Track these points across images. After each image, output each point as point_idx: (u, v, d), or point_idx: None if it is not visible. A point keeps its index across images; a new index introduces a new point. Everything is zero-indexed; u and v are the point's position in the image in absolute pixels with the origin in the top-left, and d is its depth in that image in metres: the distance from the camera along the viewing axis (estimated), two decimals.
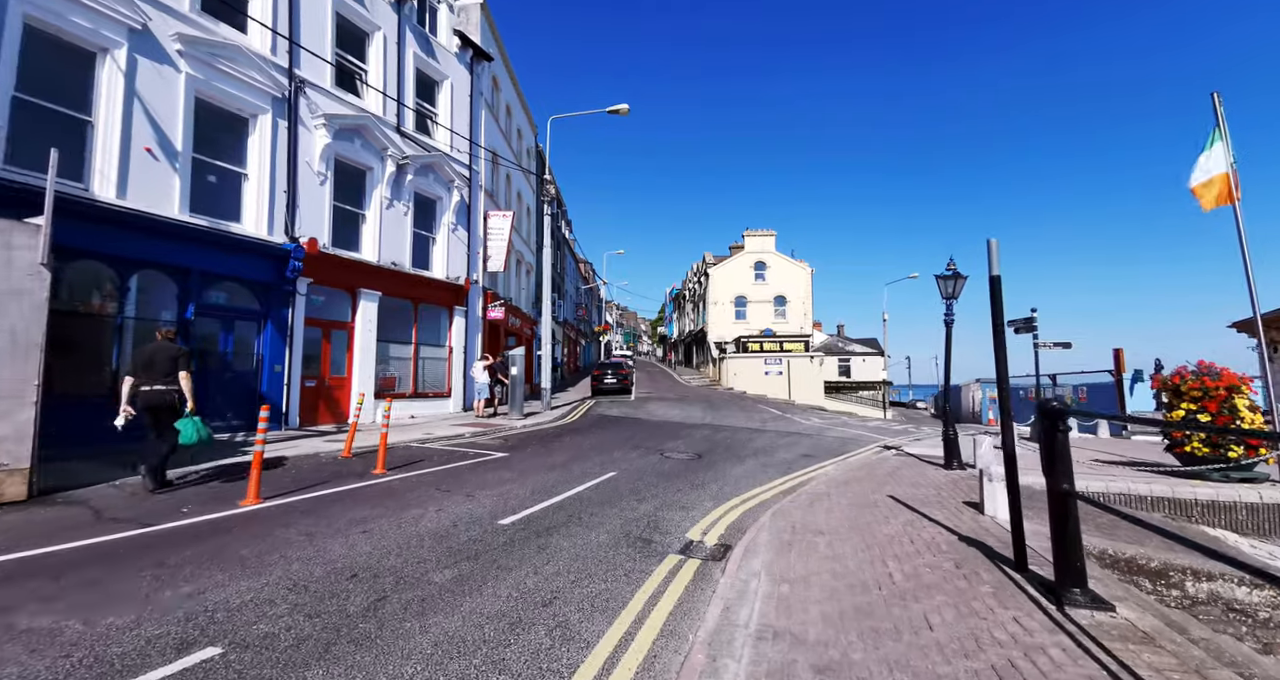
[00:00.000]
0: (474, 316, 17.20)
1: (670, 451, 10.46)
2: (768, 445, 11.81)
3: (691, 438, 12.45)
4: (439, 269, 15.89)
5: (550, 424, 14.35)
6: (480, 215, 17.62)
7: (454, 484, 7.07)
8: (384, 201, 13.92)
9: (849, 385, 40.13)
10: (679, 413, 17.97)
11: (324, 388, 12.51)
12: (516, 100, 23.08)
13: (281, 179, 11.50)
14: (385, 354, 14.19)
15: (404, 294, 14.62)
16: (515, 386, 14.81)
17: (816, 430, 15.23)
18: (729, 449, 11.07)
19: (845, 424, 18.47)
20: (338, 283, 12.83)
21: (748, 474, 8.66)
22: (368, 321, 13.37)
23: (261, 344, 11.17)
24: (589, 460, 9.21)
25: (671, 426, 14.43)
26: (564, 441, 11.31)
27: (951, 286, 8.79)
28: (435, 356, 15.79)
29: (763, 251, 44.66)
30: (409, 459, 8.77)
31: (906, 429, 17.58)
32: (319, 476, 7.19)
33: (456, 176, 16.05)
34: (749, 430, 14.22)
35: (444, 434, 11.45)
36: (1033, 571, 4.14)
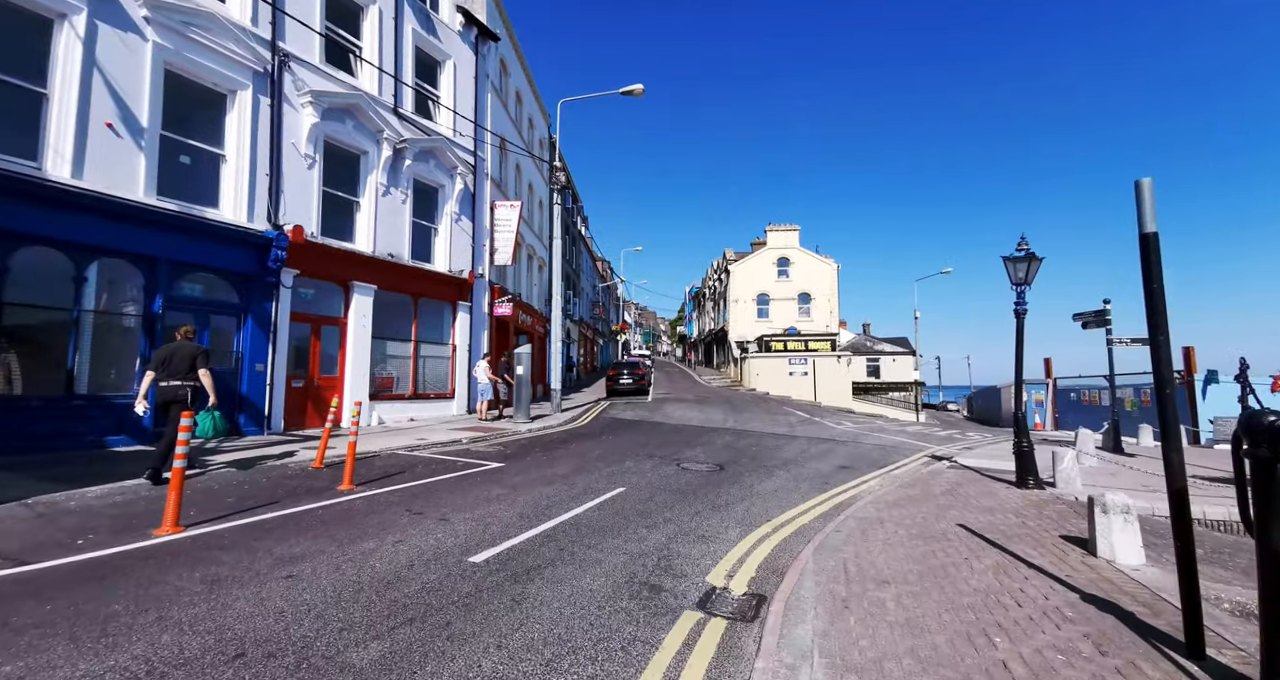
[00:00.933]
0: (479, 312, 16.17)
1: (688, 461, 9.23)
2: (798, 454, 10.48)
3: (712, 445, 11.18)
4: (441, 262, 14.89)
5: (557, 428, 13.22)
6: (486, 205, 16.60)
7: (429, 504, 5.94)
8: (380, 188, 12.95)
9: (878, 386, 38.21)
10: (698, 415, 16.69)
11: (313, 388, 11.57)
12: (527, 87, 22.06)
13: (264, 161, 10.57)
14: (382, 352, 13.23)
15: (402, 288, 13.64)
16: (521, 387, 13.71)
17: (851, 436, 13.81)
18: (754, 459, 9.78)
19: (881, 429, 16.97)
20: (328, 275, 11.89)
21: (779, 490, 7.37)
22: (362, 317, 12.41)
23: (241, 341, 10.25)
24: (595, 472, 8.02)
25: (690, 431, 13.18)
26: (569, 449, 10.15)
27: (1024, 270, 7.37)
28: (437, 355, 14.80)
29: (786, 247, 43.03)
30: (389, 470, 7.68)
31: (951, 435, 16.02)
32: (272, 494, 6.13)
33: (460, 163, 15.04)
34: (775, 436, 12.89)
35: (438, 440, 10.38)
36: (1215, 661, 2.82)
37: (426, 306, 14.56)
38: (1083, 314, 11.86)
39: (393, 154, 13.09)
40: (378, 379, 13.04)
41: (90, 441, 8.25)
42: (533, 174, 22.98)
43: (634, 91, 15.78)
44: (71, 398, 8.17)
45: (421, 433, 11.34)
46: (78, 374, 8.31)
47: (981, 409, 39.08)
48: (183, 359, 6.47)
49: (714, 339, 51.30)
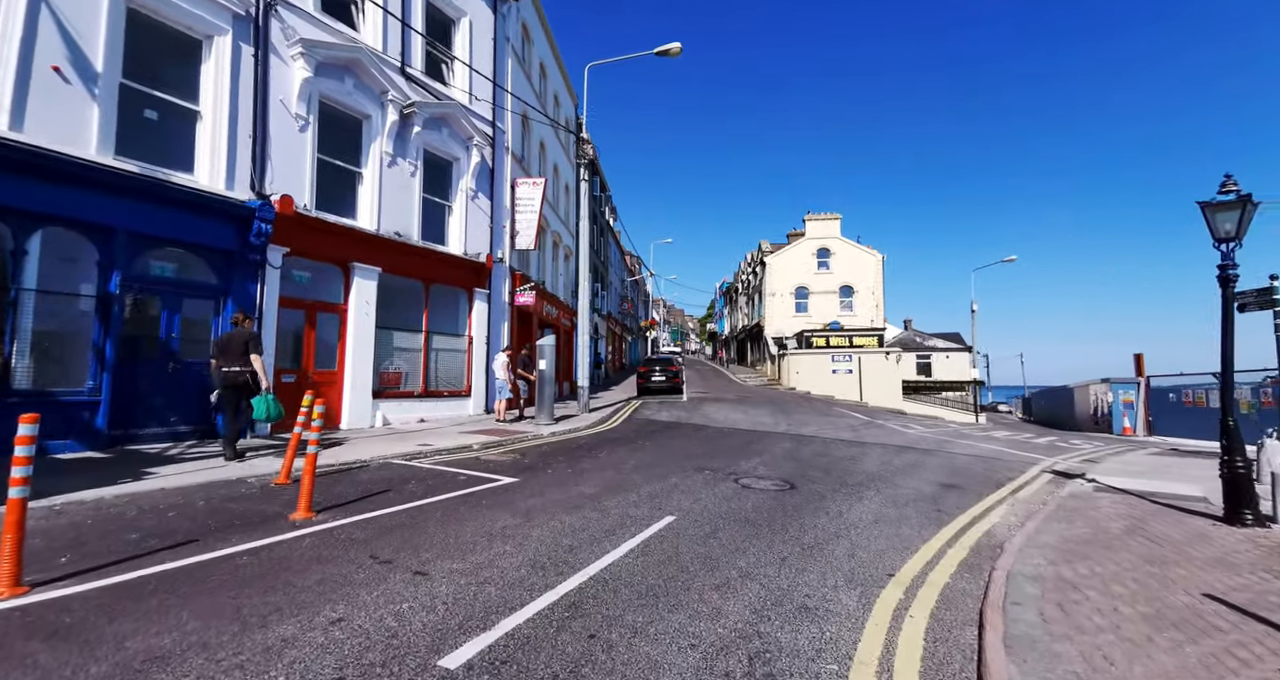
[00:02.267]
0: (499, 301, 14.58)
1: (747, 475, 7.36)
2: (882, 467, 8.48)
3: (770, 453, 9.27)
4: (455, 243, 13.34)
5: (585, 431, 11.49)
6: (506, 182, 15.00)
7: (406, 544, 4.24)
8: (385, 158, 11.44)
9: (929, 385, 35.52)
10: (743, 417, 14.75)
11: (308, 384, 10.08)
12: (552, 60, 20.43)
13: (246, 120, 9.12)
14: (388, 344, 11.73)
15: (412, 272, 12.12)
16: (544, 385, 12.04)
17: (934, 443, 11.67)
18: (829, 472, 7.84)
19: (959, 434, 14.71)
20: (325, 255, 10.41)
21: (880, 520, 5.45)
22: (364, 303, 10.91)
23: (220, 328, 8.81)
24: (632, 491, 6.23)
25: (740, 436, 11.28)
26: (600, 458, 8.39)
27: (1234, 219, 5.25)
28: (451, 348, 13.26)
29: (826, 237, 40.48)
30: (372, 487, 6.04)
31: (1052, 443, 13.64)
32: (197, 526, 4.52)
33: (476, 133, 13.46)
34: (843, 443, 10.88)
35: (444, 445, 8.76)
36: None
37: (439, 293, 13.02)
38: (1243, 294, 9.45)
39: (399, 119, 11.56)
40: (383, 374, 11.55)
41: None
42: (558, 154, 21.35)
43: (670, 51, 13.94)
44: (6, 395, 6.79)
45: (428, 436, 9.75)
46: (14, 365, 6.94)
47: (1045, 410, 35.82)
48: (239, 344, 6.75)
49: (748, 335, 49.02)
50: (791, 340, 35.75)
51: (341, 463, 7.09)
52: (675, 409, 16.38)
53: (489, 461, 7.87)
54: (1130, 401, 22.78)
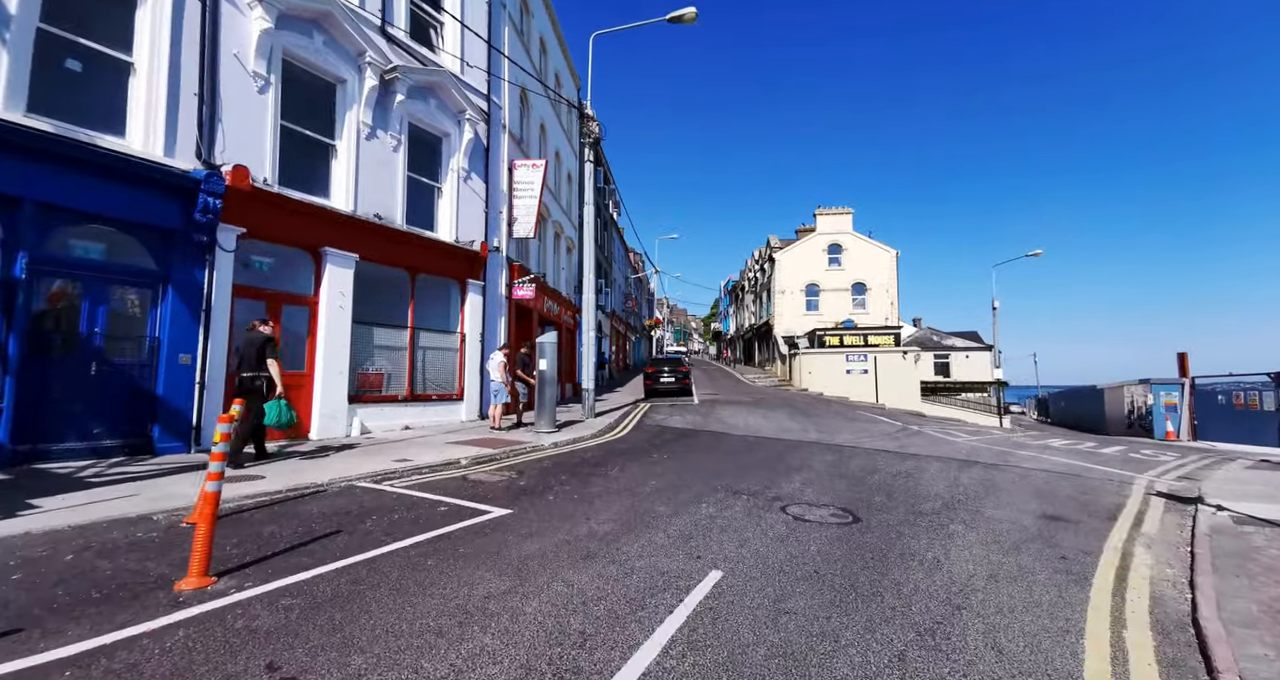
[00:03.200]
0: (495, 294, 13.17)
1: (795, 501, 5.94)
2: (951, 489, 7.03)
3: (810, 468, 7.84)
4: (446, 229, 11.93)
5: (591, 441, 10.07)
6: (503, 163, 13.58)
7: (332, 636, 2.82)
8: (362, 129, 10.03)
9: (948, 386, 34.03)
10: (765, 423, 13.32)
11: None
12: (553, 36, 19.01)
13: (190, 76, 7.72)
14: (367, 341, 10.32)
15: (395, 260, 10.72)
16: (545, 387, 10.63)
17: (992, 455, 10.22)
18: (891, 496, 6.40)
19: (1017, 443, 13.21)
20: (292, 238, 9.01)
21: (997, 577, 4.02)
22: (338, 295, 9.51)
23: (159, 322, 7.42)
24: (657, 527, 4.82)
25: (768, 447, 9.84)
26: (611, 478, 6.96)
27: None
28: (441, 346, 11.84)
29: (838, 232, 38.99)
30: (316, 527, 4.62)
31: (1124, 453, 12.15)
32: (30, 603, 3.10)
33: (469, 107, 12.04)
34: (889, 455, 9.44)
35: (427, 461, 7.34)
36: None
37: (427, 285, 11.61)
38: None
39: (379, 85, 10.15)
40: (361, 376, 10.14)
41: None
42: (560, 140, 19.93)
43: (684, 17, 12.53)
44: None
45: (409, 449, 8.33)
46: None
47: (1066, 412, 34.32)
48: (253, 350, 6.69)
49: (755, 334, 47.57)
50: (803, 339, 34.29)
51: (290, 488, 5.67)
52: (688, 413, 14.95)
53: (478, 483, 6.44)
54: (1173, 404, 21.28)
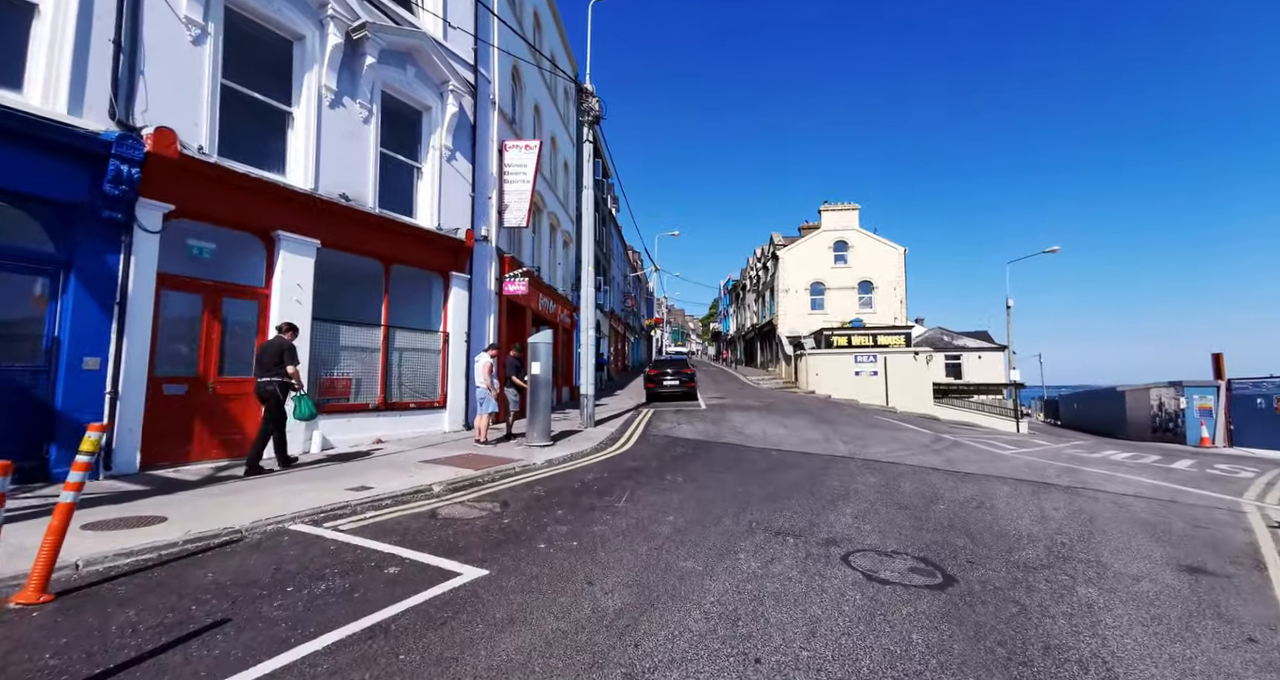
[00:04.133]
0: (483, 289, 11.78)
1: (859, 547, 4.59)
2: (1045, 526, 5.68)
3: (858, 494, 6.48)
4: (426, 215, 10.54)
5: (592, 457, 8.68)
6: (492, 144, 12.20)
7: None
8: (325, 95, 8.64)
9: (960, 388, 32.77)
10: (784, 432, 11.96)
11: (205, 398, 7.29)
12: (549, 13, 17.61)
13: (106, 19, 6.31)
14: (332, 342, 8.93)
15: (366, 248, 9.32)
16: (538, 392, 9.25)
17: (1056, 472, 8.87)
18: (974, 538, 5.05)
19: (1078, 458, 11.89)
20: (236, 219, 7.60)
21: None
22: (294, 286, 8.11)
23: (59, 318, 6.01)
24: (689, 598, 3.46)
25: (797, 463, 8.49)
26: (619, 511, 5.58)
27: None
28: (420, 347, 10.45)
29: (844, 229, 37.71)
30: (190, 615, 3.20)
31: (1204, 469, 10.76)
32: None
33: (453, 77, 10.66)
34: (941, 474, 8.09)
35: (392, 488, 5.95)
36: None
37: (405, 278, 10.23)
38: None
39: (345, 44, 8.76)
40: (324, 381, 8.74)
41: None
42: (555, 125, 18.55)
43: None
44: None
45: (374, 471, 6.93)
46: None
47: (1080, 415, 33.13)
48: (271, 354, 6.71)
49: (758, 335, 46.26)
50: (809, 339, 32.98)
51: (193, 538, 4.26)
52: (696, 420, 13.59)
53: (450, 521, 5.06)
54: (1208, 408, 20.05)
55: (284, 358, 6.73)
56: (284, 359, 6.72)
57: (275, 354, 6.71)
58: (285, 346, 6.79)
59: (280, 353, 6.72)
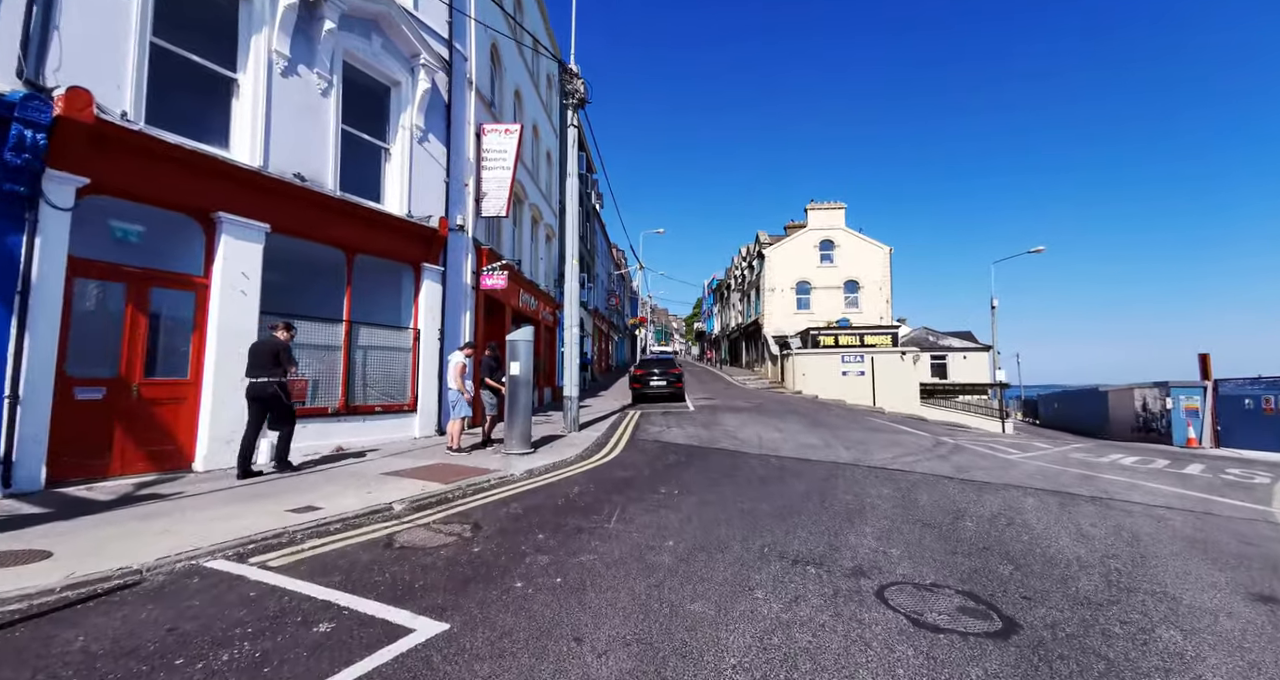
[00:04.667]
0: (458, 283, 10.90)
1: (892, 580, 3.91)
2: (1089, 546, 5.08)
3: (875, 509, 5.82)
4: (394, 201, 9.64)
5: (576, 466, 7.90)
6: (469, 126, 11.32)
7: None
8: (276, 61, 7.71)
9: (945, 388, 32.67)
10: (779, 436, 11.32)
11: (129, 403, 6.34)
12: None
13: None
14: None
15: (325, 235, 8.40)
16: (517, 394, 8.43)
17: (1077, 482, 8.35)
18: (1023, 566, 4.40)
19: (1089, 465, 11.45)
20: (170, 198, 6.65)
21: None
22: (238, 276, 7.17)
23: None
24: (703, 659, 2.71)
25: (797, 471, 7.82)
26: (609, 535, 4.82)
27: None
28: (388, 345, 9.55)
29: (830, 228, 37.42)
30: None
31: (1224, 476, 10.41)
32: None
33: (424, 50, 9.77)
34: (955, 483, 7.49)
35: (343, 508, 5.10)
36: None
37: (370, 269, 9.33)
38: None
39: (300, 5, 7.83)
40: None
41: None
42: (537, 112, 17.66)
43: None
44: None
45: (325, 487, 6.06)
46: None
47: (1061, 415, 33.31)
48: (264, 354, 6.48)
49: (743, 334, 45.84)
50: (795, 339, 32.59)
51: (75, 583, 3.38)
52: (686, 423, 12.88)
53: (408, 552, 4.24)
54: (1195, 408, 20.02)
55: (280, 357, 6.54)
56: (280, 359, 6.53)
57: (270, 353, 6.48)
58: (281, 346, 6.59)
59: (276, 352, 6.51)
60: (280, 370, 6.55)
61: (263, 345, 6.59)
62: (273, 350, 6.53)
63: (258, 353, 6.55)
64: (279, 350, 6.58)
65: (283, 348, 6.65)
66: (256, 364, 6.48)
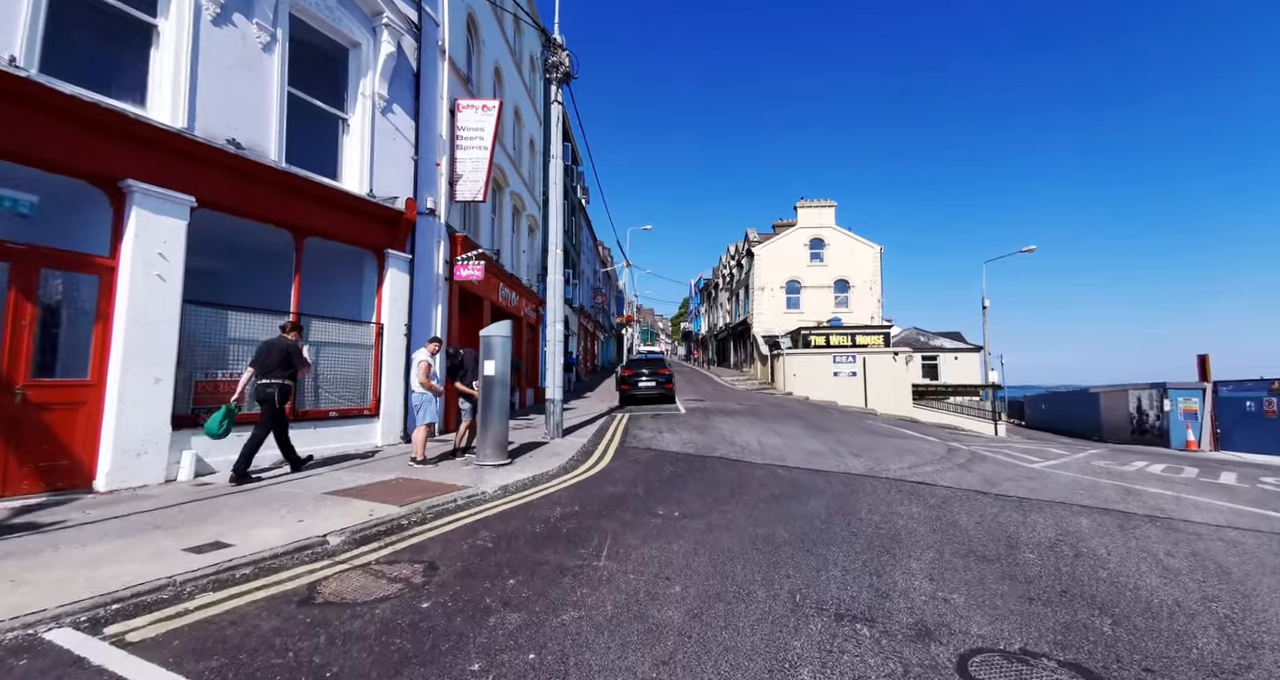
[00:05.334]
0: (429, 273, 9.81)
1: (979, 650, 2.96)
2: (1178, 584, 4.20)
3: (911, 534, 4.91)
4: (353, 178, 8.53)
5: (559, 481, 6.87)
6: (441, 99, 10.23)
7: None
8: (205, 6, 6.56)
9: (937, 389, 32.20)
10: (780, 442, 10.41)
11: (13, 409, 5.17)
12: None
13: None
14: (216, 332, 6.83)
15: (268, 213, 7.26)
16: (491, 400, 7.39)
17: (1120, 496, 7.53)
18: (1117, 615, 3.51)
19: (1109, 471, 10.62)
20: (66, 162, 5.48)
21: None
22: (155, 256, 6.02)
23: None
24: None
25: (810, 485, 6.89)
26: (598, 577, 3.82)
27: None
28: (345, 341, 8.43)
29: (820, 226, 36.83)
30: None
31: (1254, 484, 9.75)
32: None
33: (387, 8, 8.67)
34: (990, 499, 6.62)
35: (257, 546, 4.02)
36: None
37: (326, 255, 8.21)
38: None
39: None
40: (203, 386, 6.65)
41: None
42: (519, 95, 16.57)
43: None
44: None
45: (248, 513, 4.96)
46: None
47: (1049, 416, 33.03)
48: (275, 355, 6.26)
49: (731, 334, 45.11)
50: (785, 339, 31.86)
51: None
52: (679, 427, 11.92)
53: (331, 612, 3.20)
54: (1193, 411, 19.63)
55: (292, 358, 6.35)
56: (293, 360, 6.35)
57: (279, 354, 6.24)
58: (292, 347, 6.38)
59: (287, 353, 6.29)
60: (289, 372, 6.32)
61: (272, 345, 6.32)
62: (283, 351, 6.29)
63: (266, 353, 6.25)
64: (290, 351, 6.34)
65: (294, 349, 6.42)
66: (265, 364, 6.22)
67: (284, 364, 6.31)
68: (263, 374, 6.22)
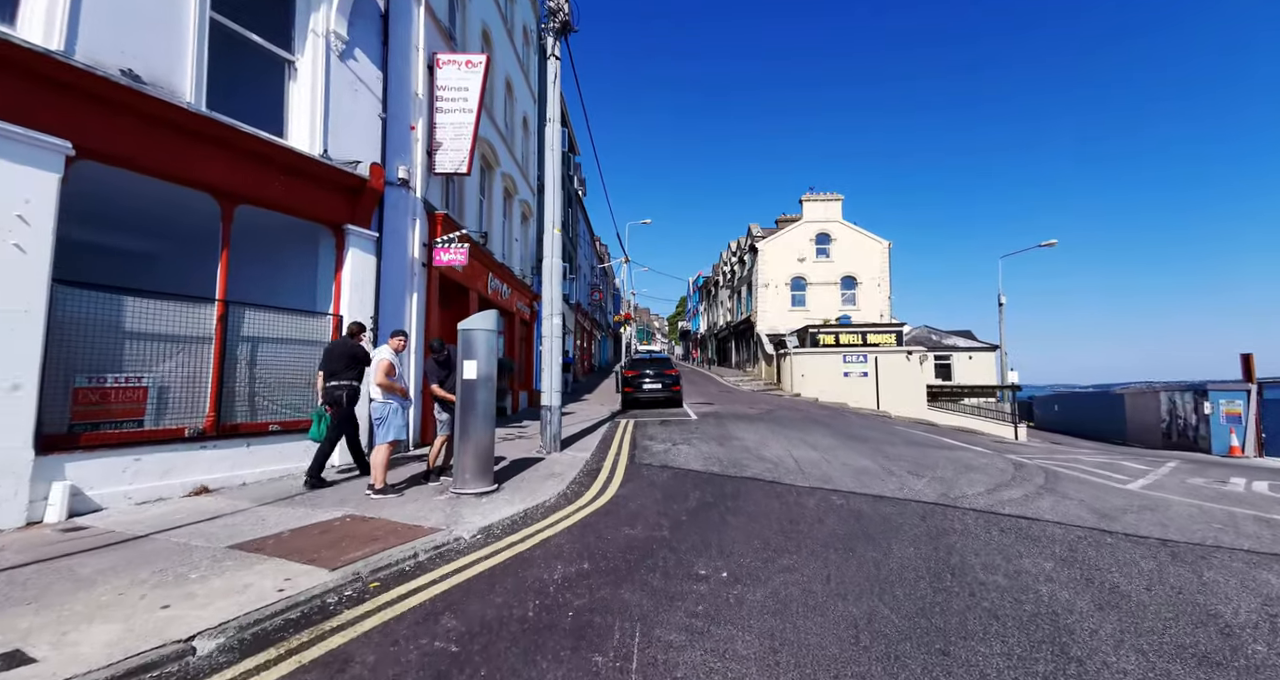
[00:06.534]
0: (402, 255, 8.21)
1: None
2: None
3: (1074, 614, 3.39)
4: (301, 133, 6.92)
5: (556, 516, 5.29)
6: (416, 51, 8.64)
7: None
8: None
9: (950, 390, 30.79)
10: (817, 457, 8.87)
11: None
12: None
13: None
14: (106, 324, 5.21)
15: (181, 171, 5.63)
16: (472, 408, 5.80)
17: (1259, 528, 6.10)
18: None
19: (1225, 495, 9.15)
20: None
21: None
22: (10, 218, 4.41)
23: None
24: None
25: (877, 515, 5.35)
26: None
27: None
28: (292, 337, 6.81)
29: (826, 221, 35.39)
30: None
31: None
32: None
33: None
34: (1132, 543, 5.09)
35: (80, 662, 2.44)
36: None
37: (266, 228, 6.62)
38: None
39: None
40: (85, 392, 5.03)
41: None
42: (511, 65, 14.94)
43: None
44: None
45: (106, 582, 3.35)
46: None
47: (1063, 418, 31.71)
48: (340, 358, 6.11)
49: (732, 333, 43.61)
50: (792, 338, 30.37)
51: None
52: (693, 436, 10.36)
53: None
54: (1236, 413, 18.27)
55: (360, 359, 6.20)
56: (360, 361, 6.20)
57: (344, 358, 6.09)
58: (358, 349, 6.21)
59: (351, 357, 6.13)
60: (356, 373, 6.14)
61: (339, 347, 6.17)
62: (349, 353, 6.13)
63: (333, 355, 6.09)
64: (356, 353, 6.17)
65: (360, 351, 6.24)
66: (331, 367, 6.02)
67: (350, 366, 6.12)
68: (330, 377, 5.99)
